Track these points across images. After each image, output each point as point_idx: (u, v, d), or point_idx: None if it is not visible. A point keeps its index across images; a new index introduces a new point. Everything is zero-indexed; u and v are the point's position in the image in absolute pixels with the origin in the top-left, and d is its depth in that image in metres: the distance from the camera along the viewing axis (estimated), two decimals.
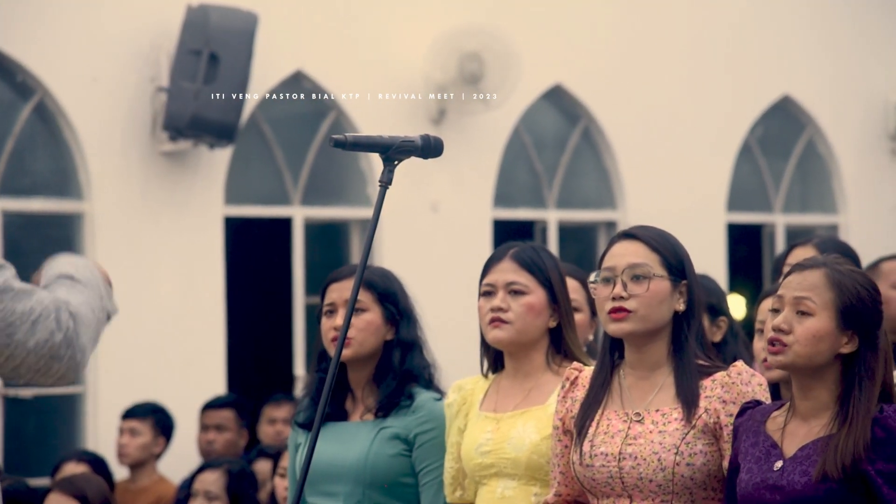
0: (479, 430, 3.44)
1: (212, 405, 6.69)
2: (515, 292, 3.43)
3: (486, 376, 3.54)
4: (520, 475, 3.37)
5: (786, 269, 4.14)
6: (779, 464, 2.86)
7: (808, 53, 8.98)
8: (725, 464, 3.01)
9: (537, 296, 3.43)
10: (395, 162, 3.05)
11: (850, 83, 9.06)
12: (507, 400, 3.46)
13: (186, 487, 5.73)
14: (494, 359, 3.52)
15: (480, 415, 3.47)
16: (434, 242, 7.94)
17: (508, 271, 3.45)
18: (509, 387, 3.47)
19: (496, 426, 3.42)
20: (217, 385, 7.42)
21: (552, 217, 8.45)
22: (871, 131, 9.15)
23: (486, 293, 3.46)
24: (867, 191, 9.18)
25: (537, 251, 3.49)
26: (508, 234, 7.81)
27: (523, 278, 3.44)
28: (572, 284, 3.85)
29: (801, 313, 2.87)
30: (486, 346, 3.52)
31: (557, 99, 8.43)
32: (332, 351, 3.66)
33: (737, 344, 4.12)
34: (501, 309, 3.41)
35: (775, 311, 2.91)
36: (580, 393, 3.17)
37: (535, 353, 3.44)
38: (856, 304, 2.87)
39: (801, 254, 4.11)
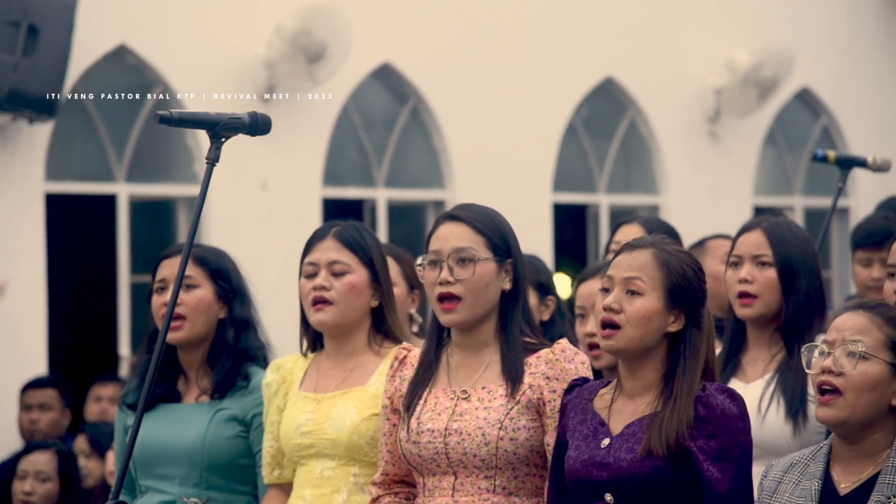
0: (299, 410, 3.43)
1: (34, 384, 6.59)
2: (338, 272, 3.42)
3: (304, 355, 3.53)
4: (339, 455, 3.37)
5: (614, 247, 4.22)
6: (605, 441, 2.92)
7: (630, 36, 9.18)
8: (548, 439, 3.07)
9: (359, 275, 3.43)
10: (223, 139, 3.04)
11: (671, 66, 9.30)
12: (328, 380, 3.45)
13: (7, 469, 5.60)
14: (314, 338, 3.51)
15: (300, 394, 3.46)
16: (263, 221, 7.88)
17: (331, 250, 3.43)
18: (330, 367, 3.46)
19: (316, 406, 3.41)
20: (38, 365, 7.25)
21: (381, 196, 8.47)
22: (690, 114, 9.41)
23: (309, 273, 3.44)
24: (687, 172, 9.44)
25: (359, 230, 3.47)
26: (338, 213, 7.80)
27: (346, 257, 3.43)
28: None
29: (631, 293, 2.92)
30: (305, 325, 3.50)
31: (386, 77, 8.45)
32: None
33: (563, 323, 4.21)
34: (324, 288, 3.40)
35: (605, 290, 2.96)
36: (409, 372, 3.20)
37: (356, 333, 3.44)
38: (683, 284, 2.94)
39: (628, 231, 4.21)
